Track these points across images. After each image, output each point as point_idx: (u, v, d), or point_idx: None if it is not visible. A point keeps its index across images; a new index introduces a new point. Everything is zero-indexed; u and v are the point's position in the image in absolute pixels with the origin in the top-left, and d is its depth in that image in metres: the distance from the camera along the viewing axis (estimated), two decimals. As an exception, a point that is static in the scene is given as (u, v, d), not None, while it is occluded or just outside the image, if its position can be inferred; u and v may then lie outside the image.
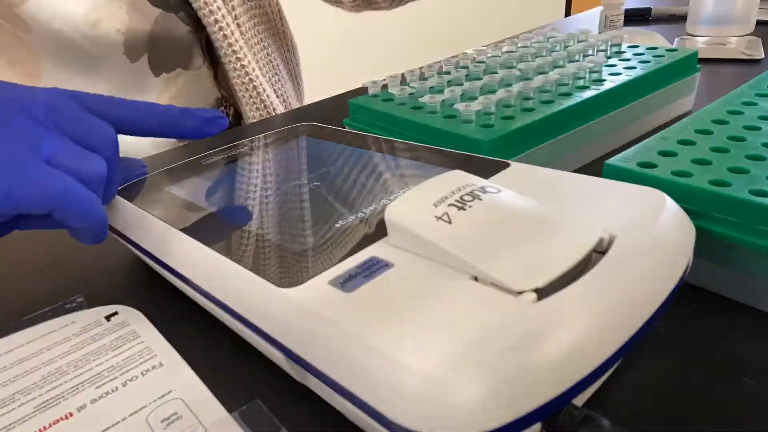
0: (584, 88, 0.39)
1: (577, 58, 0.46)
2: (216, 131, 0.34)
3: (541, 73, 0.43)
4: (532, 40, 0.52)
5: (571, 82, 0.41)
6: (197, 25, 0.58)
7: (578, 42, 0.50)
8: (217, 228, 0.28)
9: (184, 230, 0.27)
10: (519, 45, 0.52)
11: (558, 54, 0.46)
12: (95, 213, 0.26)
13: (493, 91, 0.40)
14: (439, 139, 0.36)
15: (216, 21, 0.57)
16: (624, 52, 0.47)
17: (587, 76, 0.41)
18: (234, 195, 0.32)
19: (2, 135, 0.26)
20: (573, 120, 0.37)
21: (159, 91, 0.57)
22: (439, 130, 0.36)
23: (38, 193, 0.25)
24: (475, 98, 0.39)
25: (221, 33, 0.57)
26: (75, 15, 0.51)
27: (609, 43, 0.48)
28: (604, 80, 0.40)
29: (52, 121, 0.27)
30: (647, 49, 0.47)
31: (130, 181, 0.34)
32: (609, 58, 0.46)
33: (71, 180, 0.26)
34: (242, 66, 0.59)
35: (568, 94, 0.38)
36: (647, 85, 0.42)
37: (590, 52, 0.48)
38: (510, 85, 0.41)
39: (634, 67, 0.42)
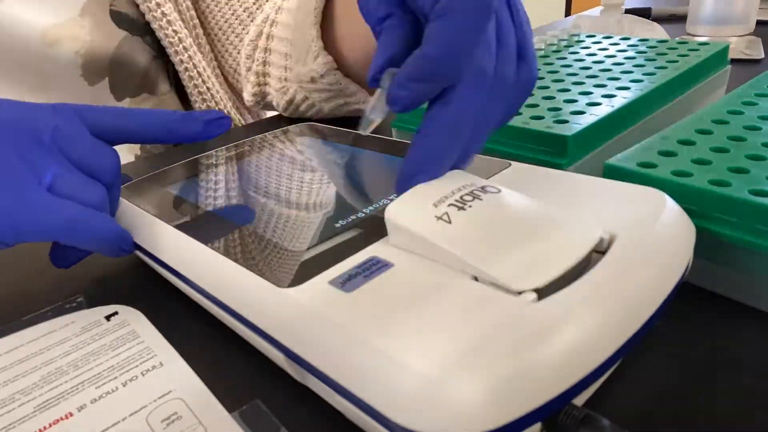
0: (639, 81, 0.39)
1: (613, 53, 0.46)
2: (221, 132, 0.34)
3: (585, 68, 0.43)
4: (559, 39, 0.52)
5: (622, 76, 0.40)
6: (163, 50, 0.55)
7: (603, 38, 0.51)
8: (217, 228, 0.28)
9: (184, 230, 0.27)
10: (548, 43, 0.52)
11: (591, 49, 0.46)
12: (102, 235, 0.27)
13: (547, 87, 0.40)
14: (506, 136, 0.35)
15: (172, 44, 0.53)
16: (656, 46, 0.47)
17: (634, 70, 0.41)
18: (234, 195, 0.32)
19: (5, 161, 0.26)
20: (640, 112, 0.37)
21: None
22: (509, 126, 0.34)
23: (40, 222, 0.25)
24: (532, 94, 0.38)
25: (178, 57, 0.54)
26: (32, 31, 0.48)
27: (636, 38, 0.49)
28: (654, 73, 0.40)
29: (57, 146, 0.28)
30: (679, 43, 0.47)
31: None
32: (643, 53, 0.46)
33: (73, 207, 0.26)
34: (200, 92, 0.56)
35: (626, 88, 0.38)
36: (693, 77, 0.42)
37: (621, 46, 0.48)
38: (562, 81, 0.41)
39: (676, 61, 0.42)
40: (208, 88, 0.56)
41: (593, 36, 0.52)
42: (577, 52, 0.48)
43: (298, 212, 0.28)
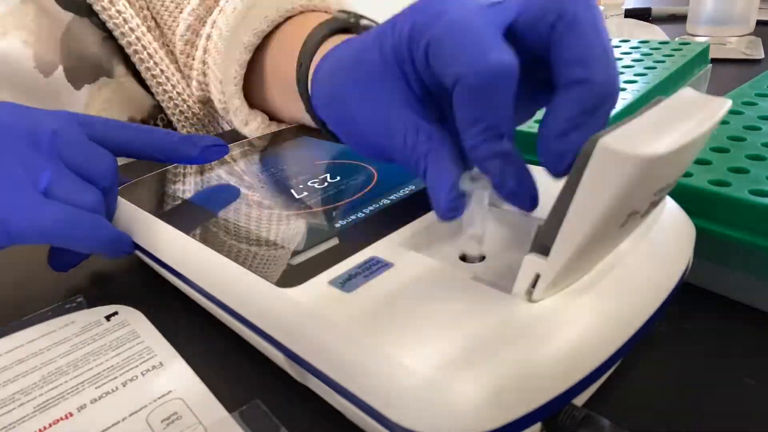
0: (632, 82, 0.39)
1: None
2: (217, 158, 0.34)
3: None
4: None
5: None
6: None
7: None
8: (217, 228, 0.28)
9: (184, 230, 0.27)
10: None
11: None
12: (96, 236, 0.27)
13: None
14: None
15: (117, 25, 0.49)
16: (638, 47, 0.47)
17: (624, 71, 0.41)
18: (234, 195, 0.32)
19: (1, 164, 0.26)
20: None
21: (84, 105, 0.51)
22: (516, 132, 0.34)
23: (32, 224, 0.25)
24: None
25: (125, 39, 0.50)
26: None
27: (618, 39, 0.49)
28: (645, 74, 0.40)
29: (55, 150, 0.28)
30: (660, 43, 0.47)
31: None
32: (628, 54, 0.46)
33: (66, 209, 0.26)
34: (153, 75, 0.52)
35: (621, 89, 0.38)
36: (681, 76, 0.42)
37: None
38: None
39: (663, 61, 0.42)
40: (162, 71, 0.52)
41: None
42: None
43: (298, 212, 0.28)
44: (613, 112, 0.34)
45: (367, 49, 0.22)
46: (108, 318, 0.27)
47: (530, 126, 0.34)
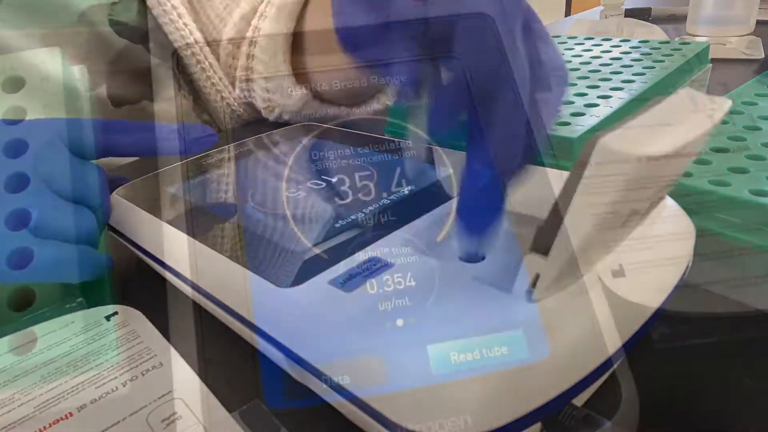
0: (630, 81, 0.39)
1: (598, 54, 0.46)
2: (206, 146, 0.34)
3: (573, 69, 0.43)
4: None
5: (612, 77, 0.40)
6: (167, 54, 0.53)
7: (585, 39, 0.51)
8: (217, 227, 0.28)
9: (184, 230, 0.27)
10: None
11: (575, 50, 0.47)
12: (88, 271, 0.27)
13: None
14: None
15: (183, 37, 0.51)
16: (639, 47, 0.47)
17: (622, 70, 0.41)
18: (234, 194, 0.32)
19: None
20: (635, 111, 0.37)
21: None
22: None
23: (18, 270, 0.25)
24: None
25: (194, 58, 0.52)
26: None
27: (618, 39, 0.49)
28: (644, 73, 0.40)
29: (37, 175, 0.27)
30: (660, 43, 0.47)
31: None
32: (627, 53, 0.46)
33: (55, 251, 0.26)
34: (213, 84, 0.55)
35: (619, 89, 0.38)
36: (680, 75, 0.42)
37: (604, 47, 0.48)
38: None
39: (662, 60, 0.42)
40: (220, 78, 0.54)
41: (575, 38, 0.52)
42: (562, 54, 0.48)
43: (298, 212, 0.28)
44: (611, 111, 0.34)
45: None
46: (108, 318, 0.27)
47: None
